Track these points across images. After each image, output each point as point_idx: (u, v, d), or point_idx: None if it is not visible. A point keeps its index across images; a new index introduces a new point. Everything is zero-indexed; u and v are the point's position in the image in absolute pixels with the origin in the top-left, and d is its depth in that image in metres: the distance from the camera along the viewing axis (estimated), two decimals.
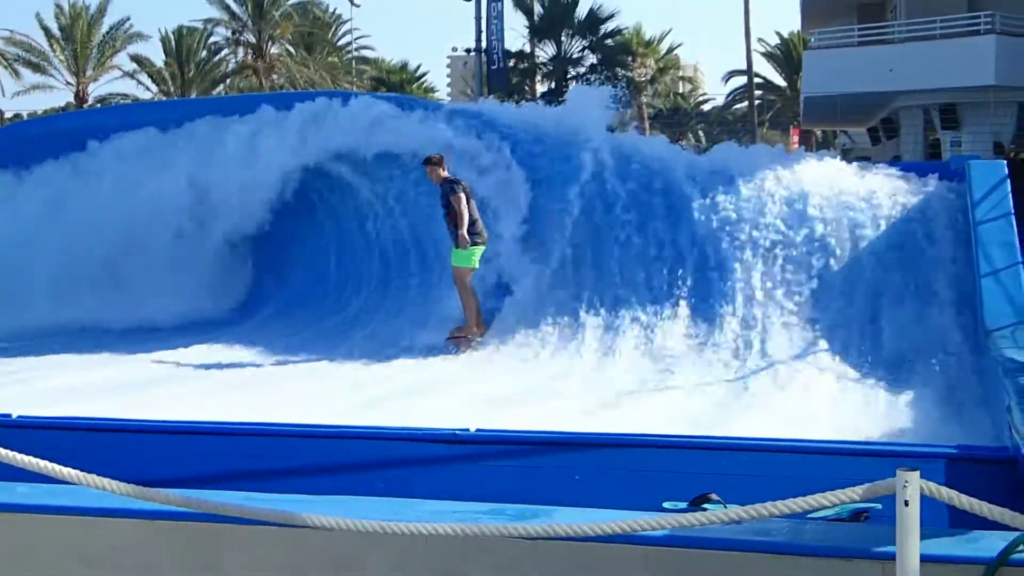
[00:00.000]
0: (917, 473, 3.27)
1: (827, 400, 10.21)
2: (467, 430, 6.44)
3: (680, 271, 13.30)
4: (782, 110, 70.42)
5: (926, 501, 3.36)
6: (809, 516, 4.10)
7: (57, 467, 3.80)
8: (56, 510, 4.35)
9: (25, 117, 55.62)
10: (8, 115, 67.19)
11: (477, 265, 13.37)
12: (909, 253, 12.81)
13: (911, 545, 3.27)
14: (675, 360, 12.01)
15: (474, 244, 13.22)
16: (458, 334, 13.33)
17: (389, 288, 15.50)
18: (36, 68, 59.36)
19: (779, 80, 70.99)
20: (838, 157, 15.07)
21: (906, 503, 3.26)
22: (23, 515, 4.42)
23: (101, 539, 4.29)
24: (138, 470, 4.54)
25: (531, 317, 13.49)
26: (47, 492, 4.42)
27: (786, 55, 67.84)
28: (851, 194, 13.45)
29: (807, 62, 37.38)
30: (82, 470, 3.87)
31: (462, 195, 13.12)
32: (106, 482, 3.77)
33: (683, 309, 12.89)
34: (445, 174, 13.40)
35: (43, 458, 3.90)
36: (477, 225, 13.35)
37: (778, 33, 69.91)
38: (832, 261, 12.85)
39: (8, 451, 3.86)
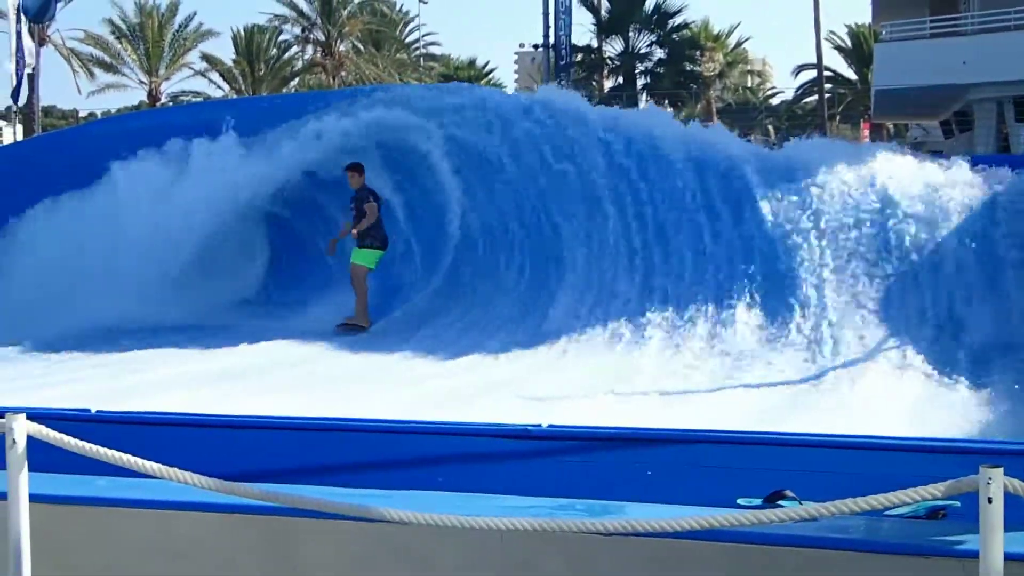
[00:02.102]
0: (1001, 470, 3.22)
1: (902, 396, 10.11)
2: (539, 425, 6.43)
3: (750, 266, 13.22)
4: (853, 104, 69.65)
5: (1008, 499, 3.32)
6: (885, 514, 4.06)
7: (141, 461, 3.85)
8: (137, 504, 4.40)
9: (99, 116, 56.36)
10: (83, 114, 68.16)
11: (374, 267, 14.88)
12: (985, 248, 12.65)
13: (995, 543, 3.22)
14: (746, 356, 11.95)
15: (377, 248, 14.79)
16: (350, 322, 14.65)
17: (455, 284, 15.55)
18: (109, 68, 60.05)
19: (850, 73, 70.22)
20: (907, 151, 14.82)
21: (989, 500, 3.21)
22: (105, 508, 4.48)
23: (182, 532, 4.33)
24: (214, 464, 4.58)
25: (599, 313, 13.49)
26: (127, 486, 4.47)
27: (857, 48, 67.07)
28: (924, 188, 13.29)
29: (878, 55, 36.96)
30: (159, 464, 3.92)
31: (375, 204, 14.63)
32: (189, 476, 3.81)
33: (754, 305, 12.82)
34: (363, 182, 14.89)
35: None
36: (381, 231, 14.84)
37: (848, 26, 69.04)
38: (906, 256, 12.71)
39: (92, 445, 3.92)
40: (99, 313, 14.82)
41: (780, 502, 4.96)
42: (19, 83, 39.23)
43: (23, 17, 38.20)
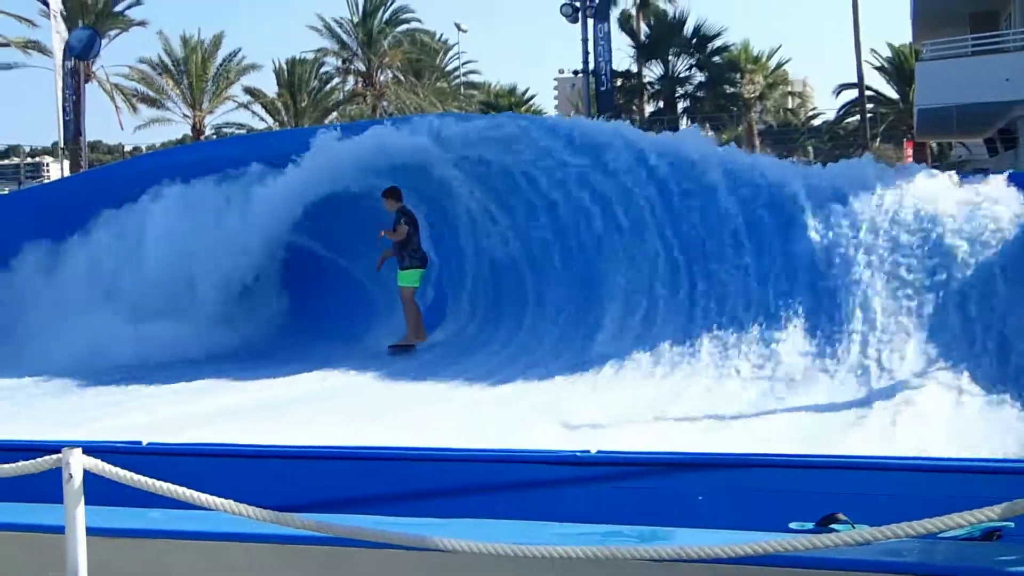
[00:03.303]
0: None
1: (954, 418, 10.01)
2: (588, 451, 6.42)
3: (797, 289, 13.15)
4: (895, 123, 69.17)
5: None
6: (939, 536, 4.03)
7: (194, 493, 3.88)
8: (190, 535, 4.43)
9: (144, 150, 56.94)
10: (128, 148, 68.91)
11: (418, 284, 15.43)
12: None
13: None
14: (795, 379, 11.88)
15: (417, 267, 15.27)
16: (401, 343, 15.18)
17: (501, 311, 15.58)
18: (153, 103, 60.71)
19: (891, 92, 69.80)
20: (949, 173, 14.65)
21: None
22: (158, 540, 4.51)
23: (236, 563, 4.36)
24: (267, 495, 4.61)
25: (645, 337, 13.46)
26: (181, 518, 4.50)
27: (898, 67, 66.70)
28: (969, 206, 13.18)
29: (920, 73, 36.77)
30: (212, 496, 3.95)
31: (405, 227, 15.04)
32: (242, 507, 3.84)
33: (801, 327, 12.74)
34: (400, 204, 15.30)
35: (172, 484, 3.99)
36: (419, 251, 15.38)
37: (889, 45, 68.67)
38: (952, 275, 12.57)
39: (148, 479, 3.96)
40: (141, 345, 14.94)
41: (833, 526, 4.93)
42: (66, 119, 39.75)
43: (68, 55, 38.79)
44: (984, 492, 4.37)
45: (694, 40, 66.03)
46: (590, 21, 47.04)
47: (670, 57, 66.41)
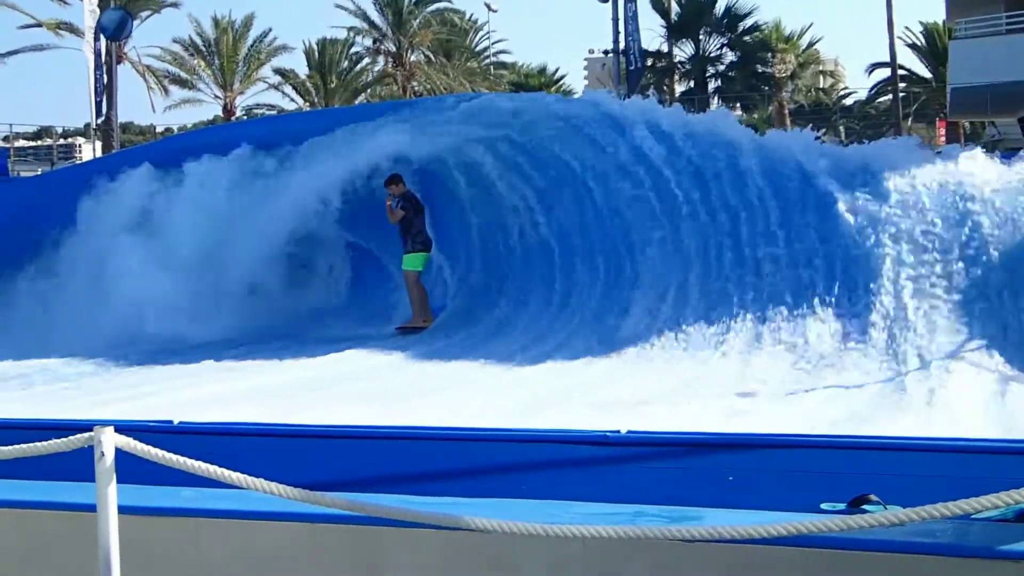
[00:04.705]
0: None
1: (987, 399, 9.93)
2: (618, 431, 6.41)
3: (829, 267, 13.09)
4: (928, 102, 68.54)
5: None
6: (972, 517, 4.01)
7: (226, 472, 3.89)
8: (222, 514, 4.45)
9: (176, 131, 57.10)
10: (160, 129, 69.11)
11: (422, 268, 15.79)
12: None
13: None
14: (825, 360, 11.82)
15: (420, 251, 15.69)
16: (407, 325, 15.51)
17: (528, 292, 15.54)
18: (184, 84, 60.80)
19: (924, 71, 69.21)
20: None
21: None
22: (190, 519, 4.53)
23: (267, 542, 4.38)
24: (298, 474, 4.63)
25: (673, 318, 13.42)
26: (212, 496, 4.52)
27: (931, 45, 66.04)
28: (1003, 188, 13.09)
29: (953, 52, 36.44)
30: (243, 475, 3.96)
31: (400, 212, 15.54)
32: (273, 486, 3.85)
33: (833, 306, 12.68)
34: (403, 189, 15.70)
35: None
36: (423, 235, 15.74)
37: (922, 23, 68.01)
38: (985, 256, 12.51)
39: (180, 457, 3.97)
40: (167, 327, 14.98)
41: (865, 507, 4.91)
42: (98, 100, 39.90)
43: (101, 36, 38.94)
44: (1018, 473, 4.34)
45: (725, 19, 65.63)
46: (620, 0, 46.78)
47: (701, 36, 66.07)
